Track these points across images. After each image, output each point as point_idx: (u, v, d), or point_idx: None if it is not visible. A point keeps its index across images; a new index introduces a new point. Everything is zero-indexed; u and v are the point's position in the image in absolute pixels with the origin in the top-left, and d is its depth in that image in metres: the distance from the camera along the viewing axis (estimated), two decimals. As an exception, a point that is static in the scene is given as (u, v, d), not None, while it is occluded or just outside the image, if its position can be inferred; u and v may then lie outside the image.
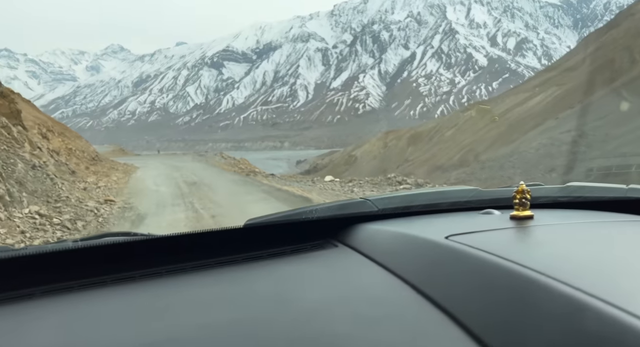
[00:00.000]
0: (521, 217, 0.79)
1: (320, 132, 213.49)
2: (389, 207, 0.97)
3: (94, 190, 10.92)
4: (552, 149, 22.77)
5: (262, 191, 11.14)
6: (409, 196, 1.08)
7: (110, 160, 23.21)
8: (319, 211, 0.93)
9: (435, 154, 38.48)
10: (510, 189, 1.00)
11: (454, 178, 26.79)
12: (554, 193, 1.06)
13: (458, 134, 42.85)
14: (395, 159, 43.58)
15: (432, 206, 1.01)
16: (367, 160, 48.76)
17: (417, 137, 47.80)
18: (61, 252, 0.72)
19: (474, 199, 1.02)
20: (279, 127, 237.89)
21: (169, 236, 0.80)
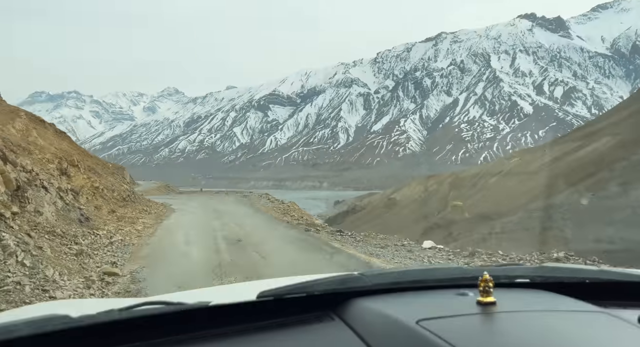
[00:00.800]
0: (485, 303, 0.94)
1: (359, 174, 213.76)
2: (380, 283, 1.10)
3: (100, 250, 8.25)
4: (607, 202, 21.63)
5: (341, 265, 7.59)
6: (400, 273, 1.21)
7: (146, 200, 20.57)
8: (322, 284, 1.06)
9: (479, 201, 37.40)
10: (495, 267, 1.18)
11: (499, 227, 25.81)
12: (528, 273, 1.15)
13: (503, 181, 41.64)
14: (436, 205, 42.65)
15: (419, 282, 1.12)
16: (406, 203, 47.98)
17: (460, 182, 46.77)
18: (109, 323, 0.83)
19: (458, 276, 1.14)
20: (319, 168, 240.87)
21: (195, 308, 0.91)
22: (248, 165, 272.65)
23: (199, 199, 27.04)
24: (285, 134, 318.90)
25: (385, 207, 49.86)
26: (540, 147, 59.00)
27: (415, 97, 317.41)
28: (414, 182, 56.49)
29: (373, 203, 58.49)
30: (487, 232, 24.82)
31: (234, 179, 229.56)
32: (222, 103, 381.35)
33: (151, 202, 20.13)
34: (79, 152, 22.04)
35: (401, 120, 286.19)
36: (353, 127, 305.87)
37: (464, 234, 30.36)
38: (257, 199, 24.36)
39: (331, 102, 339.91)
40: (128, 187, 21.02)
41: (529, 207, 28.19)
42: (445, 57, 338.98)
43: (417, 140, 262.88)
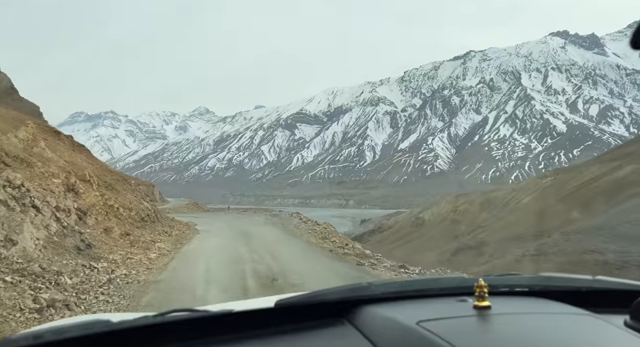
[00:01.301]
0: (481, 306, 1.04)
1: (386, 192, 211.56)
2: (387, 292, 1.20)
3: (91, 293, 6.45)
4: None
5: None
6: (405, 283, 1.35)
7: (169, 220, 18.93)
8: (334, 293, 1.17)
9: (512, 221, 36.12)
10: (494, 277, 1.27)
11: (533, 249, 24.75)
12: (525, 282, 1.23)
13: (537, 201, 40.15)
14: (466, 225, 41.49)
15: (422, 290, 1.22)
16: (435, 223, 46.89)
17: (491, 202, 45.45)
18: (146, 326, 0.98)
19: (458, 285, 1.24)
20: (345, 186, 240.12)
21: (220, 314, 1.05)
22: (274, 182, 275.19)
23: (226, 218, 25.17)
24: (312, 152, 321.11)
25: (413, 226, 48.91)
26: (576, 166, 56.80)
27: (443, 116, 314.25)
28: (443, 201, 55.21)
29: (400, 222, 57.49)
30: (521, 253, 23.83)
31: (261, 196, 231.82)
32: (251, 122, 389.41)
33: (174, 222, 18.34)
34: (97, 166, 20.44)
35: (429, 138, 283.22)
36: (379, 145, 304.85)
37: (496, 256, 29.28)
38: (289, 219, 22.30)
39: (357, 120, 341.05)
40: (149, 206, 17.55)
41: (565, 228, 26.94)
42: (474, 75, 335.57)
43: (445, 158, 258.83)
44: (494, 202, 46.50)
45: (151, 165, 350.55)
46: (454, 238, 37.44)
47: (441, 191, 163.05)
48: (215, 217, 24.70)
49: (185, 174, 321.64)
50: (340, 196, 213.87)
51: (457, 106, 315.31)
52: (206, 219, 22.77)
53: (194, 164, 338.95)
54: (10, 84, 58.46)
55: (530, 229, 29.75)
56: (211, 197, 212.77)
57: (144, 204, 17.18)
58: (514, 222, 34.82)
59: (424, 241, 39.20)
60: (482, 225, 39.55)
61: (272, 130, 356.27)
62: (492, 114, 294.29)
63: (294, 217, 22.44)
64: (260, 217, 24.17)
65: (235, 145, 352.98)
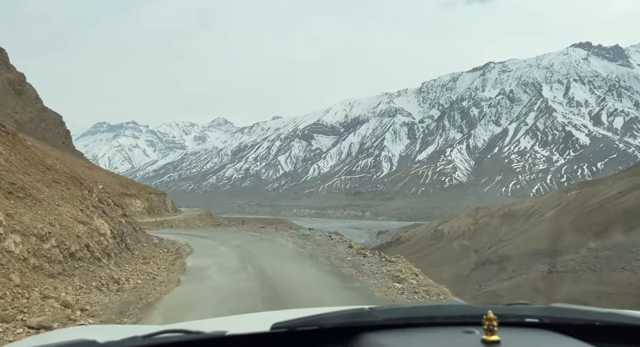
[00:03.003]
0: (490, 341, 0.96)
1: (403, 204, 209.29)
2: (390, 319, 1.13)
3: None
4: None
5: None
6: (409, 310, 1.23)
7: (153, 245, 12.99)
8: (334, 317, 1.11)
9: (535, 236, 35.02)
10: (503, 306, 1.18)
11: (560, 265, 23.82)
12: (535, 313, 1.15)
13: (561, 215, 38.92)
14: (487, 238, 40.46)
15: (427, 318, 1.15)
16: (454, 236, 45.83)
17: (512, 215, 44.32)
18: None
19: (465, 313, 1.15)
20: (362, 197, 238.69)
21: (212, 337, 0.99)
22: (291, 193, 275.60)
23: (239, 238, 17.29)
24: (328, 163, 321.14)
25: (431, 239, 47.97)
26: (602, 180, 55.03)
27: (461, 127, 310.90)
28: (462, 213, 54.13)
29: (418, 235, 56.57)
30: (547, 270, 22.95)
31: (277, 206, 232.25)
32: (268, 132, 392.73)
33: (155, 251, 12.13)
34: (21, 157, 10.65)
35: (447, 149, 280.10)
36: (397, 157, 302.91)
37: (519, 271, 28.32)
38: (327, 242, 15.26)
39: (374, 131, 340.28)
40: (112, 227, 10.33)
41: (592, 245, 25.91)
42: (493, 86, 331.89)
43: (464, 170, 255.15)
44: (515, 216, 45.32)
45: (170, 174, 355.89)
46: (474, 252, 36.51)
47: (460, 204, 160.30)
48: (225, 237, 17.55)
49: (203, 183, 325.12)
50: (357, 207, 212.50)
51: (476, 118, 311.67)
52: (212, 239, 16.36)
53: (211, 173, 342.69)
54: (35, 94, 60.60)
55: (555, 244, 28.72)
56: (228, 207, 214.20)
57: (102, 224, 9.79)
58: (537, 237, 33.74)
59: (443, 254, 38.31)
60: (504, 239, 38.48)
61: (289, 141, 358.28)
62: (512, 126, 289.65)
63: (338, 241, 15.37)
64: (286, 240, 16.19)
65: (253, 156, 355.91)
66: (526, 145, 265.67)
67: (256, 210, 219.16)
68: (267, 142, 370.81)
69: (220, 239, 16.66)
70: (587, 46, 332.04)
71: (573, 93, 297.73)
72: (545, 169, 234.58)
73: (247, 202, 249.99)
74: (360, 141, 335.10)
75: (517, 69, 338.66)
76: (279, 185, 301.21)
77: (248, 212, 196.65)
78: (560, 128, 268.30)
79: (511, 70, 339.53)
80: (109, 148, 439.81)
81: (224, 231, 23.30)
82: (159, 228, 24.39)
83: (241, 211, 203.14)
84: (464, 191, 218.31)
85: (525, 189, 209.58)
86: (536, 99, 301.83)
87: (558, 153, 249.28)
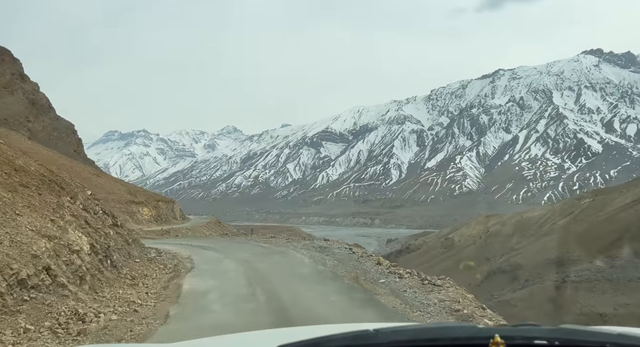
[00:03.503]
0: None
1: (412, 212, 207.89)
2: (396, 341, 1.11)
3: None
4: None
5: None
6: (416, 331, 1.21)
7: (147, 260, 11.07)
8: (336, 340, 1.09)
9: (547, 244, 34.41)
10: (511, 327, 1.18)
11: (574, 275, 23.32)
12: (545, 334, 1.12)
13: (574, 224, 38.24)
14: (498, 247, 39.88)
15: (434, 340, 1.13)
16: (465, 244, 45.27)
17: (524, 224, 43.69)
18: None
19: (473, 336, 1.14)
20: (370, 204, 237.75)
21: None
22: (299, 200, 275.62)
23: (247, 251, 15.08)
24: (337, 170, 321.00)
25: (442, 247, 47.41)
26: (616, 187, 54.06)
27: (471, 134, 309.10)
28: (473, 221, 53.50)
29: (428, 243, 55.98)
30: (561, 279, 22.46)
31: (286, 214, 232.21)
32: (277, 140, 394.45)
33: (149, 269, 10.32)
34: None
35: (457, 157, 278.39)
36: (406, 164, 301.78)
37: (532, 281, 27.79)
38: (350, 257, 12.61)
39: (383, 138, 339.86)
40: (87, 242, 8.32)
41: (609, 253, 25.33)
42: (503, 93, 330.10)
43: (474, 178, 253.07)
44: (527, 224, 44.66)
45: (180, 182, 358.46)
46: (485, 260, 35.97)
47: (470, 211, 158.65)
48: (232, 249, 15.76)
49: (213, 191, 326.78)
50: (366, 215, 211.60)
51: (485, 125, 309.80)
52: (217, 251, 14.67)
53: (221, 181, 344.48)
54: (48, 103, 61.71)
55: (569, 253, 28.17)
56: (237, 215, 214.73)
57: (77, 238, 8.03)
58: (550, 245, 33.15)
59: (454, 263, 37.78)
60: (516, 247, 37.89)
61: (297, 149, 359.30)
62: (523, 133, 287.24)
63: (359, 255, 12.99)
64: (301, 253, 13.66)
65: (262, 163, 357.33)
66: (537, 152, 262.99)
67: (265, 217, 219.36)
68: (276, 149, 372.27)
69: (227, 251, 14.92)
70: (598, 53, 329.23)
71: (584, 100, 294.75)
72: (556, 176, 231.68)
73: (256, 209, 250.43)
74: (369, 149, 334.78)
75: (527, 76, 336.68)
76: (288, 192, 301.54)
77: (257, 220, 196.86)
78: (572, 135, 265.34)
79: (521, 77, 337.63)
80: (120, 156, 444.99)
81: (232, 241, 21.07)
82: (163, 237, 23.53)
83: (250, 219, 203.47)
84: (474, 199, 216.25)
85: (537, 196, 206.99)
86: (547, 106, 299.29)
87: (570, 160, 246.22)
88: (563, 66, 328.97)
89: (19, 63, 57.37)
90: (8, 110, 48.63)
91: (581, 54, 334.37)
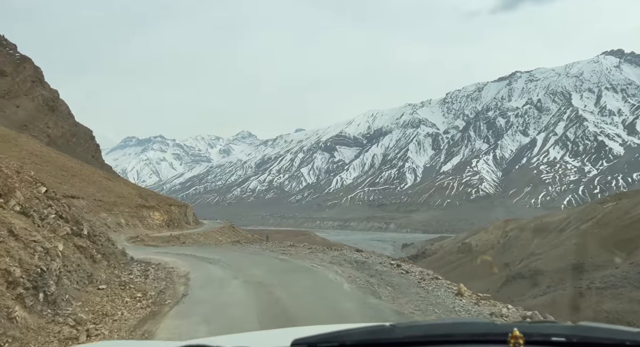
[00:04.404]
0: None
1: (428, 216, 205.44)
2: (412, 336, 1.12)
3: None
4: None
5: None
6: (431, 326, 1.22)
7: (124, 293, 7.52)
8: (355, 334, 1.11)
9: (569, 249, 33.33)
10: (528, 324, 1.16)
11: (599, 281, 22.40)
12: (563, 331, 1.11)
13: (597, 228, 37.00)
14: (517, 252, 38.85)
15: (450, 335, 1.13)
16: (483, 249, 44.24)
17: (544, 228, 42.51)
18: None
19: (489, 331, 1.13)
20: (385, 209, 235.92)
21: None
22: (313, 204, 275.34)
23: (263, 265, 12.02)
24: (351, 174, 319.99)
25: (459, 252, 46.46)
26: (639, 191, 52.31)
27: (487, 137, 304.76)
28: (491, 226, 52.39)
29: (445, 247, 54.98)
30: (585, 285, 21.60)
31: (300, 218, 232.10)
32: (291, 145, 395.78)
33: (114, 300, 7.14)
34: None
35: (473, 160, 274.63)
36: (421, 168, 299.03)
37: (554, 287, 26.85)
38: (404, 279, 9.59)
39: (398, 142, 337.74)
40: None
41: (635, 259, 24.31)
42: (520, 96, 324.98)
43: (491, 181, 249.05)
44: (547, 228, 43.45)
45: (196, 187, 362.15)
46: (504, 266, 35.04)
47: (487, 216, 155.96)
48: (243, 262, 12.39)
49: (228, 195, 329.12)
50: (380, 219, 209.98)
51: (502, 128, 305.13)
52: (224, 266, 11.39)
53: (236, 186, 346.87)
54: (67, 110, 62.97)
55: (592, 258, 27.16)
56: (252, 219, 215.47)
57: None
58: (572, 250, 32.09)
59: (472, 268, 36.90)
60: (536, 252, 36.81)
61: (311, 153, 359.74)
62: (541, 136, 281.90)
63: (417, 277, 9.79)
64: (332, 271, 10.34)
65: (276, 168, 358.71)
66: (556, 155, 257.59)
67: (279, 222, 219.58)
68: (290, 154, 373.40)
69: (237, 265, 11.44)
70: (618, 54, 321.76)
71: (605, 102, 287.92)
72: (576, 180, 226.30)
73: (271, 214, 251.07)
74: (383, 152, 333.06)
75: (544, 78, 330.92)
76: (302, 197, 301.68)
77: (271, 224, 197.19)
78: (592, 138, 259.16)
79: (539, 79, 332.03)
80: (137, 162, 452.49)
81: (244, 250, 17.19)
82: (168, 244, 22.05)
83: (265, 223, 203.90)
84: (491, 203, 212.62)
85: (556, 200, 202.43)
86: (565, 108, 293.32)
87: (590, 164, 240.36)
88: (582, 67, 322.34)
89: (39, 71, 58.74)
90: (29, 116, 49.75)
91: (601, 55, 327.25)
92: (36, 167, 26.64)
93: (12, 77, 51.30)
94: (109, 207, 28.31)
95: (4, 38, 59.58)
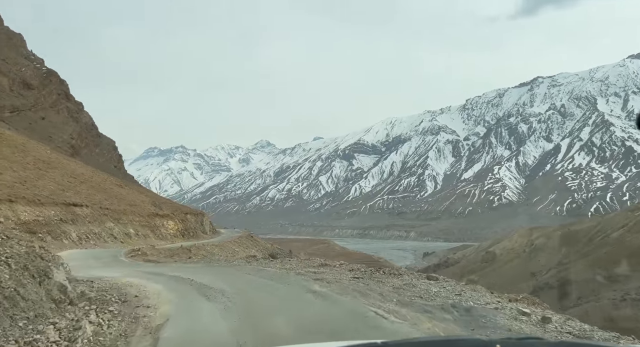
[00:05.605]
0: None
1: (449, 224, 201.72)
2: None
3: None
4: None
5: None
6: (421, 344, 1.21)
7: None
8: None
9: (600, 258, 31.87)
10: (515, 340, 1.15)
11: (634, 292, 21.22)
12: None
13: (629, 236, 35.34)
14: (544, 261, 37.41)
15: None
16: (508, 258, 42.85)
17: (572, 236, 40.90)
18: None
19: (476, 346, 1.13)
20: (405, 217, 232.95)
21: None
22: (332, 213, 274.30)
23: (290, 308, 7.06)
24: (370, 182, 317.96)
25: (482, 261, 45.13)
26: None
27: (509, 144, 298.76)
28: (515, 234, 50.86)
29: (468, 256, 53.58)
30: (620, 297, 20.48)
31: (319, 226, 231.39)
32: (309, 153, 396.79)
33: None
34: None
35: (495, 167, 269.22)
36: (441, 175, 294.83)
37: (585, 298, 25.59)
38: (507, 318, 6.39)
39: (417, 149, 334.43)
40: None
41: (674, 268, 22.95)
42: (542, 101, 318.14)
43: (514, 189, 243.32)
44: (575, 237, 41.79)
45: (216, 196, 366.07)
46: (530, 275, 33.75)
47: (511, 224, 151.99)
48: (256, 300, 7.89)
49: (247, 204, 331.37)
50: (400, 227, 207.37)
51: (525, 134, 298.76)
52: (225, 307, 7.05)
53: (255, 195, 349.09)
54: (91, 121, 64.66)
55: (626, 268, 25.82)
56: (271, 228, 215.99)
57: None
58: (603, 259, 30.67)
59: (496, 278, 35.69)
60: (564, 262, 35.37)
61: (330, 161, 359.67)
62: (565, 142, 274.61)
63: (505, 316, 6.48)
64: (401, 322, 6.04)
65: (295, 176, 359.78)
66: (581, 161, 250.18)
67: (298, 230, 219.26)
68: (308, 162, 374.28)
69: (247, 304, 7.36)
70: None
71: (632, 106, 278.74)
72: (604, 186, 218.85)
73: (290, 222, 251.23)
74: (402, 160, 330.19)
75: (568, 82, 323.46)
76: (321, 205, 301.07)
77: (290, 233, 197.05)
78: (620, 143, 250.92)
79: (562, 84, 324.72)
80: (159, 172, 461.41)
81: (260, 272, 12.25)
82: (171, 260, 18.62)
83: (284, 231, 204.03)
84: (515, 210, 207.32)
85: (583, 208, 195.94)
86: (591, 113, 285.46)
87: (618, 170, 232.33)
88: (607, 71, 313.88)
89: (65, 84, 60.60)
90: (54, 128, 51.18)
91: (627, 59, 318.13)
92: (38, 173, 26.42)
93: (38, 90, 52.99)
94: (117, 216, 26.51)
95: (32, 53, 61.86)
